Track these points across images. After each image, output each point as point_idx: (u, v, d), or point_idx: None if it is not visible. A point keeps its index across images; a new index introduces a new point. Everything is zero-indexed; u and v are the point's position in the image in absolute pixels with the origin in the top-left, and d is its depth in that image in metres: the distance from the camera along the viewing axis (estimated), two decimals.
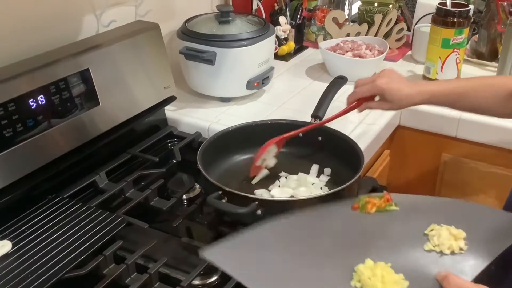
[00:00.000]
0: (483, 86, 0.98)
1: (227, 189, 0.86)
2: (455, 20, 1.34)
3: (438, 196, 0.90)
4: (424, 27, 1.58)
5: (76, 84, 0.98)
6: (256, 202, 0.83)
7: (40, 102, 0.92)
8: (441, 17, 1.36)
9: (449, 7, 1.37)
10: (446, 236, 0.70)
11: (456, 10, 1.34)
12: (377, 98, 1.02)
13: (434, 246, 0.70)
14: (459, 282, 0.63)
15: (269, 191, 0.97)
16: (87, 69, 1.00)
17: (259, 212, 0.83)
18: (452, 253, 0.69)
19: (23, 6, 1.02)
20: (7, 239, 0.84)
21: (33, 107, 0.91)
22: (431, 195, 1.38)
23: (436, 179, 1.36)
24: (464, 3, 1.42)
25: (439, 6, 1.37)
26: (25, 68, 0.92)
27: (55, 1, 1.08)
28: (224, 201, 0.86)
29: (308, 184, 0.98)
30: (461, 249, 0.70)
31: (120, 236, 0.87)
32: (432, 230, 0.73)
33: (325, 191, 0.97)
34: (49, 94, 0.93)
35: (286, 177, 1.02)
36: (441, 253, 0.69)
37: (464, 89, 0.98)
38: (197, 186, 1.06)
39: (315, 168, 1.05)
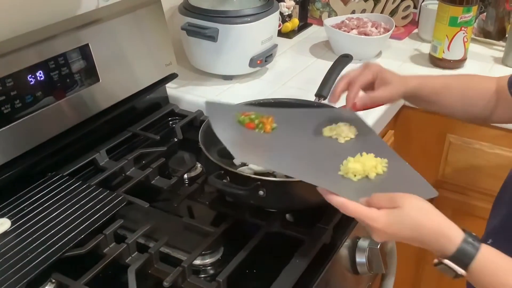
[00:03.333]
0: (465, 82, 0.96)
1: (229, 168, 0.85)
2: None
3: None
4: (431, 4, 1.55)
5: (76, 60, 0.96)
6: (259, 182, 0.81)
7: (39, 78, 0.90)
8: None
9: None
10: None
11: None
12: None
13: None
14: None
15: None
16: (87, 45, 0.98)
17: (261, 192, 0.82)
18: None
19: None
20: (6, 217, 0.83)
21: (31, 83, 0.89)
22: (435, 175, 1.37)
23: (440, 159, 1.35)
24: None
25: None
26: (23, 42, 0.90)
27: None
28: (225, 181, 0.85)
29: None
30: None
31: (121, 215, 0.87)
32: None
33: None
34: (48, 69, 0.91)
35: None
36: None
37: (450, 82, 0.95)
38: (199, 165, 1.04)
39: None
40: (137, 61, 1.10)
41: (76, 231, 0.80)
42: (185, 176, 1.01)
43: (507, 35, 1.54)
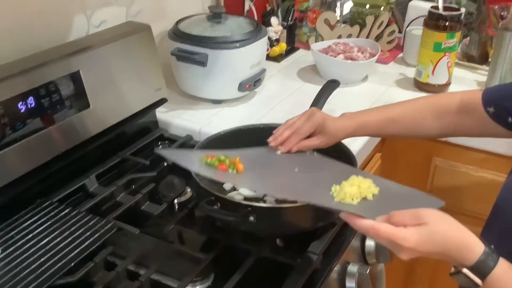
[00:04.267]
0: (410, 110, 0.98)
1: (220, 195, 0.86)
2: (447, 24, 1.34)
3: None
4: (416, 29, 1.58)
5: (66, 87, 0.97)
6: (249, 208, 0.82)
7: (29, 105, 0.90)
8: (433, 21, 1.36)
9: (441, 11, 1.37)
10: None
11: (448, 14, 1.34)
12: None
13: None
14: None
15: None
16: (78, 71, 0.99)
17: (251, 218, 0.82)
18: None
19: (12, 5, 1.00)
20: None
21: (22, 110, 0.89)
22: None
23: (426, 182, 1.37)
24: (456, 6, 1.42)
25: (431, 10, 1.37)
26: (14, 70, 0.90)
27: (44, 0, 1.06)
28: (216, 207, 0.85)
29: None
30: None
31: (111, 242, 0.87)
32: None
33: None
34: (39, 96, 0.92)
35: None
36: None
37: (393, 116, 0.98)
38: (188, 189, 1.05)
39: None
40: (127, 87, 1.11)
41: (66, 259, 0.80)
42: (175, 201, 1.02)
43: (490, 59, 1.59)
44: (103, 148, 1.09)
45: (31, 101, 0.90)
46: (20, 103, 0.89)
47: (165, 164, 1.14)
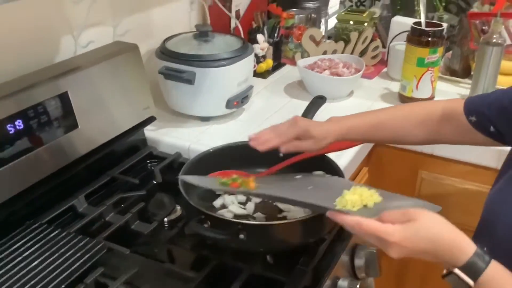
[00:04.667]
0: (396, 116, 0.99)
1: (210, 213, 0.86)
2: (429, 39, 1.37)
3: None
4: (399, 45, 1.61)
5: (55, 108, 0.97)
6: (239, 226, 0.83)
7: (18, 127, 0.90)
8: (416, 37, 1.39)
9: (423, 27, 1.40)
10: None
11: (430, 30, 1.37)
12: None
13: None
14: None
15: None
16: (66, 93, 0.99)
17: (241, 236, 0.83)
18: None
19: None
20: None
21: (11, 132, 0.89)
22: None
23: (413, 195, 1.38)
24: (438, 22, 1.45)
25: (414, 26, 1.40)
26: (2, 92, 0.91)
27: (31, 21, 1.07)
28: (206, 225, 0.86)
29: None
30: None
31: (101, 263, 0.86)
32: None
33: (307, 212, 0.97)
34: (27, 118, 0.92)
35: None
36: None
37: (379, 121, 0.99)
38: (178, 207, 1.05)
39: None
40: (116, 106, 1.12)
41: (56, 281, 0.80)
42: (165, 219, 1.02)
43: (472, 73, 1.62)
44: (91, 167, 1.09)
45: (19, 123, 0.91)
46: (9, 125, 0.89)
47: (154, 182, 1.14)
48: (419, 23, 1.42)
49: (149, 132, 1.29)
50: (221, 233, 0.83)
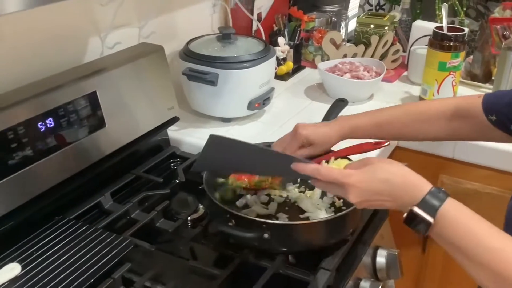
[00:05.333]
0: (403, 114, 1.00)
1: (235, 212, 0.88)
2: (451, 44, 1.38)
3: None
4: (420, 49, 1.61)
5: (84, 107, 0.99)
6: (264, 225, 0.84)
7: (48, 125, 0.93)
8: (438, 41, 1.39)
9: (445, 31, 1.40)
10: None
11: (452, 35, 1.37)
12: None
13: None
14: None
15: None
16: (94, 92, 1.02)
17: (266, 235, 0.85)
18: None
19: (28, 28, 1.03)
20: (16, 262, 0.85)
21: (42, 130, 0.92)
22: None
23: None
24: (460, 27, 1.45)
25: (436, 30, 1.41)
26: (34, 91, 0.93)
27: (60, 23, 1.10)
28: (231, 224, 0.87)
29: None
30: None
31: (127, 258, 0.88)
32: None
33: (330, 212, 0.99)
34: (58, 117, 0.94)
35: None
36: None
37: (385, 119, 1.00)
38: (201, 207, 1.07)
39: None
40: (141, 106, 1.14)
41: (85, 275, 0.82)
42: (189, 218, 1.03)
43: (493, 78, 1.62)
44: (116, 166, 1.11)
45: (50, 121, 0.93)
46: (40, 123, 0.91)
47: (177, 181, 1.16)
48: (441, 28, 1.42)
49: (172, 132, 1.31)
50: (246, 232, 0.85)
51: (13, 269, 0.83)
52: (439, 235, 0.70)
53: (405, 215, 0.71)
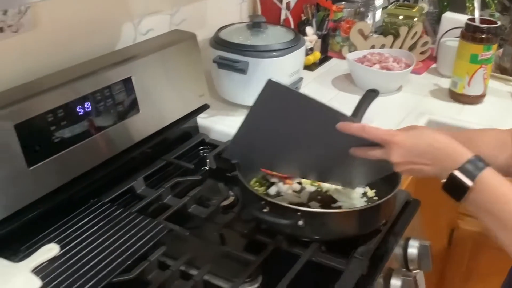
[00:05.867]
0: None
1: (269, 199, 0.88)
2: (483, 36, 1.36)
3: None
4: (450, 41, 1.60)
5: (119, 92, 1.01)
6: (299, 213, 0.85)
7: (86, 109, 0.94)
8: (470, 33, 1.38)
9: (477, 23, 1.38)
10: None
11: (485, 27, 1.36)
12: None
13: None
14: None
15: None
16: (129, 78, 1.02)
17: (300, 223, 0.85)
18: None
19: (65, 15, 1.04)
20: (54, 242, 0.86)
21: (80, 113, 0.93)
22: (456, 207, 1.40)
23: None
24: (492, 19, 1.43)
25: (469, 22, 1.39)
26: (72, 75, 0.94)
27: (95, 9, 1.11)
28: (265, 210, 0.88)
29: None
30: None
31: (161, 242, 0.90)
32: None
33: (362, 202, 0.99)
34: (95, 101, 0.96)
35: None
36: None
37: (469, 136, 0.91)
38: (231, 193, 1.07)
39: None
40: (173, 93, 1.15)
41: (122, 257, 0.83)
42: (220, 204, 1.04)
43: None
44: (148, 152, 1.12)
45: (87, 105, 0.94)
46: (78, 106, 0.93)
47: (206, 168, 1.17)
48: (473, 20, 1.40)
49: (201, 119, 1.32)
50: (281, 218, 0.85)
51: (51, 250, 0.84)
52: (475, 201, 0.71)
53: (443, 180, 0.73)
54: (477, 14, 1.42)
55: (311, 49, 1.67)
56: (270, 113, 0.81)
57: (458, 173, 0.71)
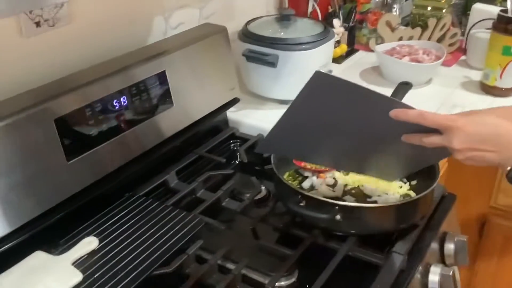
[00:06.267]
0: None
1: (306, 193, 0.88)
2: None
3: None
4: (480, 32, 1.57)
5: (154, 86, 1.01)
6: (337, 207, 0.84)
7: (122, 103, 0.95)
8: (503, 24, 1.35)
9: (510, 14, 1.36)
10: None
11: None
12: None
13: None
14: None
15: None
16: (164, 72, 1.03)
17: (338, 217, 0.85)
18: None
19: (96, 9, 1.04)
20: (93, 235, 0.87)
21: (116, 107, 0.94)
22: (487, 202, 1.39)
23: (493, 186, 1.36)
24: None
25: (501, 13, 1.36)
26: (107, 70, 0.95)
27: (128, 3, 1.11)
28: (302, 205, 0.88)
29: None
30: None
31: (197, 236, 0.90)
32: None
33: (397, 197, 0.98)
34: (131, 95, 0.96)
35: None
36: None
37: None
38: (263, 187, 1.07)
39: None
40: (205, 87, 1.15)
41: (161, 250, 0.84)
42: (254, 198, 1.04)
43: None
44: (180, 145, 1.12)
45: (124, 99, 0.95)
46: (115, 101, 0.93)
47: (237, 162, 1.17)
48: (505, 11, 1.37)
49: (230, 113, 1.31)
50: (318, 212, 0.85)
51: (90, 243, 0.85)
52: None
53: (508, 168, 0.70)
54: (509, 5, 1.39)
55: (338, 42, 1.65)
56: (315, 104, 0.78)
57: None
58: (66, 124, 0.85)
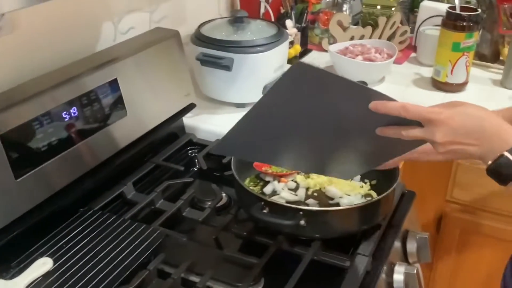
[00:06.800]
0: None
1: (269, 199, 0.87)
2: (465, 24, 1.37)
3: None
4: (429, 29, 1.61)
5: (106, 95, 0.97)
6: (301, 212, 0.83)
7: (73, 114, 0.90)
8: (451, 21, 1.38)
9: (458, 11, 1.39)
10: None
11: (466, 14, 1.36)
12: None
13: None
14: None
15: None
16: (115, 79, 0.99)
17: (302, 222, 0.83)
18: None
19: (43, 16, 0.99)
20: (46, 256, 0.82)
21: (66, 119, 0.89)
22: (443, 195, 1.41)
23: (448, 180, 1.39)
24: (473, 7, 1.44)
25: (449, 10, 1.39)
26: (55, 80, 0.90)
27: (74, 9, 1.06)
28: (265, 211, 0.86)
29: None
30: None
31: (158, 249, 0.87)
32: None
33: (359, 197, 0.98)
34: (81, 105, 0.92)
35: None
36: None
37: None
38: (224, 194, 1.05)
39: None
40: (159, 93, 1.11)
41: (120, 267, 0.80)
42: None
43: (501, 58, 1.62)
44: (136, 155, 1.08)
45: (74, 110, 0.90)
46: (65, 112, 0.89)
47: (195, 169, 1.14)
48: (453, 8, 1.41)
49: (187, 119, 1.28)
50: (282, 219, 0.83)
51: (44, 264, 0.81)
52: None
53: (490, 162, 0.68)
54: (457, 2, 1.42)
55: (291, 43, 1.65)
56: (287, 97, 0.73)
57: (508, 155, 0.66)
58: (12, 139, 0.80)
